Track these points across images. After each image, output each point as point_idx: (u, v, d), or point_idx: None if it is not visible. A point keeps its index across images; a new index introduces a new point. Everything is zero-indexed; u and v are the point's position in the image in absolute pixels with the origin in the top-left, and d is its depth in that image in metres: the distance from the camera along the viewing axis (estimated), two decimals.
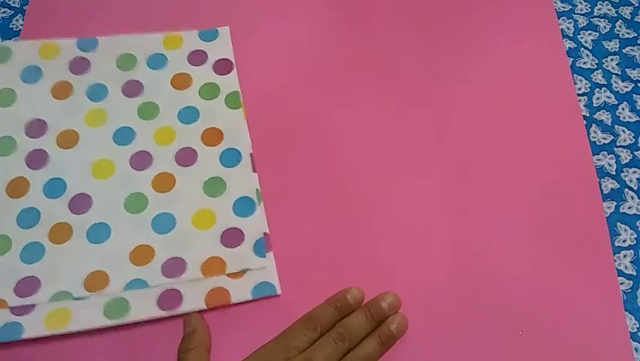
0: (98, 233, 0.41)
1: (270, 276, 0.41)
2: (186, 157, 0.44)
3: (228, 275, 0.40)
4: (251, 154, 0.45)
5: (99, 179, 0.43)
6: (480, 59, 0.50)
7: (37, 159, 0.43)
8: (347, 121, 0.47)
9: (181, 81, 0.47)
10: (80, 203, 0.42)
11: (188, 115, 0.46)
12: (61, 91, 0.45)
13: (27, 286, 0.39)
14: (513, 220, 0.44)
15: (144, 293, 0.40)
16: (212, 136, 0.45)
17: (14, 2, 0.52)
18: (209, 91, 0.47)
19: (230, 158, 0.44)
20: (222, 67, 0.48)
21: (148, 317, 0.39)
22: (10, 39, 0.50)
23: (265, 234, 0.42)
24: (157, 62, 0.47)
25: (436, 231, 0.43)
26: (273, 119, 0.47)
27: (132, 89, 0.46)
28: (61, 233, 0.41)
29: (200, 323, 0.39)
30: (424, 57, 0.50)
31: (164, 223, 0.42)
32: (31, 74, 0.46)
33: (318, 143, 0.47)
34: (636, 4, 0.53)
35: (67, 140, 0.44)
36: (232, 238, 0.42)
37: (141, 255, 0.41)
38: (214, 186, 0.43)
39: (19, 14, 0.51)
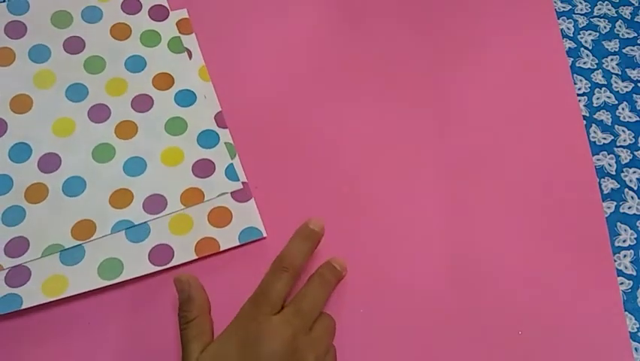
0: (74, 187, 0.42)
1: (255, 221, 0.42)
2: (142, 103, 0.45)
3: (214, 224, 0.42)
4: (220, 112, 0.46)
5: (62, 137, 0.44)
6: (479, 59, 0.50)
7: None
8: (346, 121, 0.47)
9: (120, 32, 0.47)
10: (49, 162, 0.43)
11: (135, 64, 0.47)
12: (4, 57, 0.45)
13: (16, 246, 0.40)
14: (513, 220, 0.44)
15: (135, 250, 0.41)
16: (163, 81, 0.46)
17: None
18: (150, 38, 0.48)
19: (185, 98, 0.46)
20: (158, 13, 0.49)
21: (142, 273, 0.40)
22: None
23: (243, 183, 0.44)
24: (92, 15, 0.48)
25: (435, 231, 0.43)
26: (271, 118, 0.47)
27: (74, 45, 0.47)
28: (37, 193, 0.42)
29: (195, 287, 0.37)
30: (423, 57, 0.50)
31: (135, 167, 0.43)
32: None
33: (318, 143, 0.46)
34: (636, 4, 0.53)
35: (22, 105, 0.44)
36: (203, 168, 0.44)
37: (121, 198, 0.42)
38: (175, 126, 0.45)
39: None
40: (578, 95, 0.49)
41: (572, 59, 0.51)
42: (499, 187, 0.45)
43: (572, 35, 0.52)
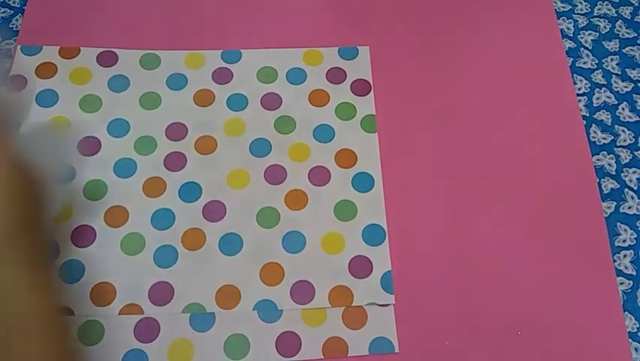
0: (231, 245, 0.41)
1: (389, 331, 0.40)
2: (319, 176, 0.44)
3: (347, 324, 0.40)
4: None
5: (234, 189, 0.43)
6: (480, 59, 0.50)
7: (175, 161, 0.44)
8: None
9: (318, 98, 0.47)
10: (214, 211, 0.42)
11: (324, 133, 0.46)
12: (204, 99, 0.46)
13: (161, 292, 0.39)
14: (513, 220, 0.44)
15: (265, 331, 0.39)
16: (346, 158, 0.45)
17: (14, 2, 0.52)
18: (346, 111, 0.47)
19: (363, 182, 0.44)
20: (360, 88, 0.48)
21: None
22: (11, 39, 0.50)
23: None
24: (296, 76, 0.48)
25: (435, 231, 0.43)
26: None
27: (271, 101, 0.46)
28: (194, 239, 0.41)
29: None
30: (423, 57, 0.50)
31: (294, 242, 0.42)
32: (177, 81, 0.47)
33: None
34: (636, 4, 0.53)
35: (206, 146, 0.44)
36: (360, 267, 0.41)
37: (271, 274, 0.41)
38: (345, 210, 0.43)
39: (19, 14, 0.51)
40: (578, 95, 0.49)
41: (571, 59, 0.51)
42: (498, 187, 0.45)
43: (572, 35, 0.52)
